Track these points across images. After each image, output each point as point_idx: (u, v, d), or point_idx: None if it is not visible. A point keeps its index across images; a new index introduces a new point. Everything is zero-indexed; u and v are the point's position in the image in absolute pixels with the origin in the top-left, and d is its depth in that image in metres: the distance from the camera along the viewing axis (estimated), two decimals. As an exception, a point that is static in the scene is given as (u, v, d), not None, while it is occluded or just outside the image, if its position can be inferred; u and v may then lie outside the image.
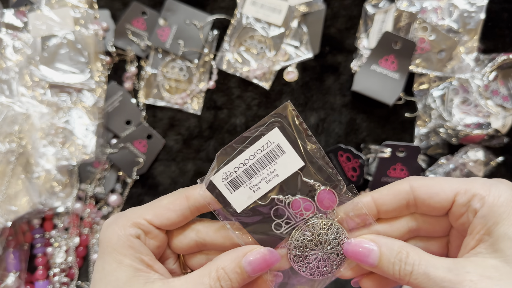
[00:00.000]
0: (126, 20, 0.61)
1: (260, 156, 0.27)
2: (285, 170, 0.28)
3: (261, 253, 0.28)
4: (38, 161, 0.55)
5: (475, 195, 0.25)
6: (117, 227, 0.30)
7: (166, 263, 0.33)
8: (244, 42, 0.61)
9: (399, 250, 0.26)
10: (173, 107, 0.61)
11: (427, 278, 0.25)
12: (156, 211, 0.31)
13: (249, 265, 0.28)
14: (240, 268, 0.28)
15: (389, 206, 0.29)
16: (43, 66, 0.56)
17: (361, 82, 0.58)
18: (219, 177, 0.28)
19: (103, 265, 0.29)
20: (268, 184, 0.28)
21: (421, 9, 0.58)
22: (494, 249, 0.24)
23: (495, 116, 0.55)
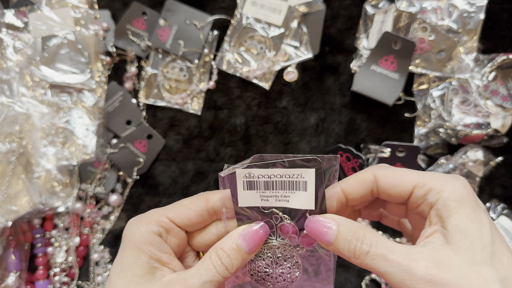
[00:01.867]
0: (126, 20, 0.61)
1: (285, 180, 0.29)
2: (297, 202, 0.29)
3: (251, 226, 0.30)
4: (39, 161, 0.55)
5: (432, 190, 0.27)
6: (140, 224, 0.31)
7: (185, 261, 0.34)
8: (244, 42, 0.61)
9: (357, 230, 0.27)
10: (173, 107, 0.61)
11: (384, 260, 0.25)
12: (177, 210, 0.32)
13: (243, 240, 0.30)
14: (236, 244, 0.30)
15: (356, 195, 0.30)
16: (44, 66, 0.56)
17: (361, 82, 0.58)
18: (242, 173, 0.29)
19: (122, 259, 0.30)
20: (276, 202, 0.30)
21: (420, 9, 0.58)
22: (447, 240, 0.26)
23: (495, 116, 0.55)
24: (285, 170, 0.28)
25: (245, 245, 0.30)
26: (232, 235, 0.30)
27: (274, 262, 0.32)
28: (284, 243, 0.31)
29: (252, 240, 0.30)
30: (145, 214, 0.32)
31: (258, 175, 0.29)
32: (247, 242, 0.30)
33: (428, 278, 0.24)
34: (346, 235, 0.27)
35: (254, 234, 0.30)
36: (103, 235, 0.59)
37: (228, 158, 0.60)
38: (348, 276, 0.57)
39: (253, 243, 0.30)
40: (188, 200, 0.33)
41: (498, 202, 0.57)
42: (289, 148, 0.60)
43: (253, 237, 0.30)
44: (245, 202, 0.30)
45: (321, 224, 0.29)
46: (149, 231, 0.31)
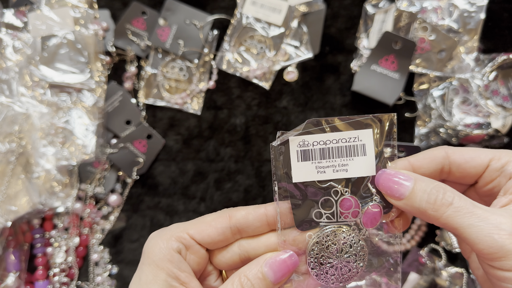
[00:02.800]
0: (126, 20, 0.61)
1: (341, 145, 0.27)
2: (357, 170, 0.27)
3: (280, 256, 0.28)
4: (38, 161, 0.55)
5: (510, 161, 0.27)
6: (160, 239, 0.30)
7: (207, 279, 0.33)
8: (244, 42, 0.61)
9: (437, 183, 0.26)
10: (173, 107, 0.61)
11: (470, 213, 0.24)
12: (198, 227, 0.31)
13: (270, 269, 0.28)
14: (262, 273, 0.28)
15: (426, 170, 0.29)
16: (43, 66, 0.56)
17: (361, 82, 0.58)
18: (296, 141, 0.27)
19: (140, 275, 0.29)
20: (333, 174, 0.27)
21: (421, 9, 0.58)
22: None
23: (495, 116, 0.55)
24: (341, 134, 0.26)
25: (271, 275, 0.28)
26: (259, 261, 0.29)
27: (339, 250, 0.28)
28: (347, 225, 0.28)
29: (279, 269, 0.28)
30: (166, 228, 0.32)
31: (313, 142, 0.27)
32: (273, 271, 0.28)
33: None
34: (425, 187, 0.26)
35: (281, 263, 0.28)
36: (102, 235, 0.59)
37: (228, 158, 0.60)
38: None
39: (280, 273, 0.28)
40: (211, 216, 0.32)
41: (498, 202, 0.57)
42: (289, 148, 0.60)
43: (280, 266, 0.28)
44: (300, 177, 0.28)
45: (396, 176, 0.27)
46: (169, 247, 0.30)
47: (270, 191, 0.59)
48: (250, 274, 0.28)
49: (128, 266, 0.59)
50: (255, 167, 0.59)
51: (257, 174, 0.59)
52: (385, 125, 0.26)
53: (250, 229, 0.31)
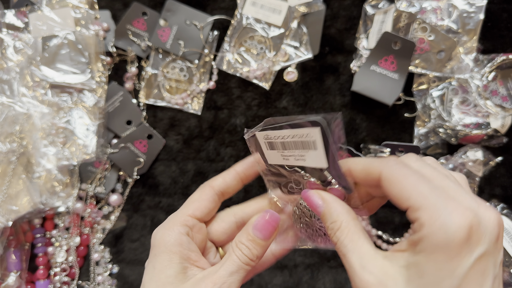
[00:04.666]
0: (126, 21, 0.61)
1: (296, 139, 0.30)
2: (312, 161, 0.30)
3: (261, 215, 0.32)
4: (39, 161, 0.55)
5: (419, 219, 0.25)
6: (166, 229, 0.33)
7: (207, 257, 0.36)
8: (244, 43, 0.62)
9: (335, 220, 0.29)
10: (174, 107, 0.61)
11: (343, 257, 0.28)
12: (193, 206, 0.35)
13: (257, 230, 0.32)
14: (251, 235, 0.32)
15: (361, 181, 0.30)
16: (44, 66, 0.56)
17: (360, 82, 0.58)
18: (261, 135, 0.32)
19: (154, 265, 0.32)
20: (296, 161, 0.31)
21: (420, 10, 0.58)
22: (407, 266, 0.25)
23: (494, 116, 0.55)
24: (294, 131, 0.29)
25: (260, 235, 0.32)
26: (247, 227, 0.32)
27: (312, 216, 0.33)
28: None
29: (265, 228, 0.32)
30: (165, 221, 0.34)
31: (273, 136, 0.31)
32: (260, 231, 0.32)
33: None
34: (327, 219, 0.29)
35: (265, 222, 0.32)
36: (103, 235, 0.59)
37: (228, 158, 0.60)
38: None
39: (266, 231, 0.32)
40: (196, 193, 0.36)
41: (497, 202, 0.57)
42: (289, 148, 0.60)
43: (265, 225, 0.32)
44: (272, 160, 0.32)
45: (313, 199, 0.31)
46: (177, 232, 0.32)
47: (270, 191, 0.59)
48: (243, 239, 0.32)
49: (128, 265, 0.59)
50: (255, 167, 0.60)
51: (257, 174, 0.59)
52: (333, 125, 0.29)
53: (230, 189, 0.37)
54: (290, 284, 0.57)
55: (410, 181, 0.26)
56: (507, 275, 0.52)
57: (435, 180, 0.26)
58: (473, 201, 0.25)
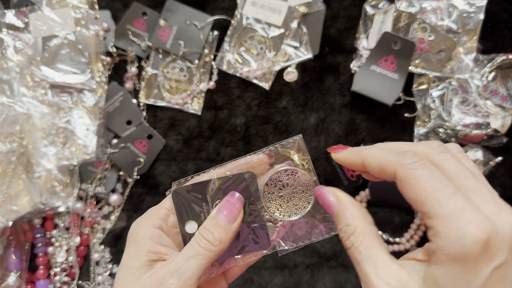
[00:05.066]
0: (126, 21, 0.61)
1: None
2: None
3: (226, 198, 0.32)
4: (39, 161, 0.55)
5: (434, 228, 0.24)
6: (140, 221, 0.33)
7: None
8: (244, 43, 0.62)
9: (349, 223, 0.28)
10: (174, 107, 0.61)
11: (357, 264, 0.27)
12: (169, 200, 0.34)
13: (220, 213, 0.31)
14: (214, 218, 0.31)
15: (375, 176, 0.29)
16: (44, 66, 0.56)
17: (360, 82, 0.58)
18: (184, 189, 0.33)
19: (124, 256, 0.32)
20: None
21: (420, 10, 0.58)
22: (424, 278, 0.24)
23: (494, 116, 0.55)
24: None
25: (223, 218, 0.31)
26: (212, 212, 0.31)
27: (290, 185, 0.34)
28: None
29: (227, 209, 0.31)
30: (144, 213, 0.34)
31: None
32: (223, 214, 0.31)
33: None
34: (341, 221, 0.28)
35: (227, 203, 0.31)
36: (103, 234, 0.59)
37: (228, 158, 0.60)
38: (348, 276, 0.57)
39: (230, 213, 0.31)
40: None
41: (497, 202, 0.57)
42: (289, 148, 0.60)
43: (227, 207, 0.31)
44: None
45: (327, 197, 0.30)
46: (149, 225, 0.32)
47: (270, 191, 0.59)
48: (207, 224, 0.31)
49: (128, 265, 0.59)
50: (255, 167, 0.60)
51: (257, 174, 0.59)
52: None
53: None
54: (290, 284, 0.57)
55: (426, 184, 0.24)
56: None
57: (456, 179, 0.25)
58: (493, 205, 0.24)
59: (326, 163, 0.60)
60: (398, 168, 0.26)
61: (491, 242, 0.23)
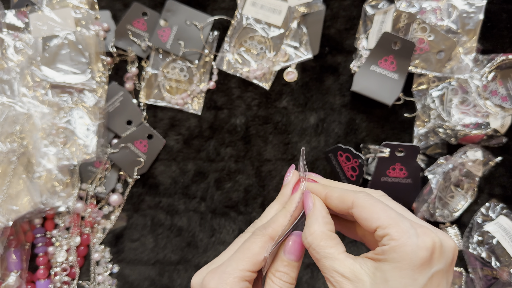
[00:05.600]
0: (126, 21, 0.61)
1: None
2: None
3: (291, 239, 0.34)
4: (39, 161, 0.55)
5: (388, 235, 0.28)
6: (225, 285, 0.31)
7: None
8: (244, 43, 0.62)
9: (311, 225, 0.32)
10: (174, 107, 0.61)
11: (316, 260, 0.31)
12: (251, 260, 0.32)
13: (289, 253, 0.33)
14: (286, 261, 0.33)
15: (334, 207, 0.33)
16: (44, 66, 0.57)
17: (360, 82, 0.58)
18: None
19: None
20: None
21: (420, 10, 0.58)
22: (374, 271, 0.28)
23: (494, 116, 0.55)
24: None
25: (293, 257, 0.33)
26: (279, 255, 0.33)
27: None
28: None
29: (296, 250, 0.33)
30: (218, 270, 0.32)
31: None
32: (293, 254, 0.33)
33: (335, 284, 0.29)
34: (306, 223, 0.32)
35: (296, 245, 0.34)
36: (103, 234, 0.59)
37: (228, 158, 0.60)
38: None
39: (297, 252, 0.33)
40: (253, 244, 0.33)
41: (497, 202, 0.57)
42: (289, 148, 0.60)
43: (296, 247, 0.33)
44: None
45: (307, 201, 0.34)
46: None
47: (270, 190, 0.59)
48: (279, 267, 0.33)
49: (129, 265, 0.59)
50: (255, 167, 0.60)
51: (257, 174, 0.60)
52: None
53: None
54: (290, 284, 0.57)
55: (379, 207, 0.30)
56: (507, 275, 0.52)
57: (398, 210, 0.31)
58: (434, 228, 0.30)
59: (326, 163, 0.60)
60: (355, 197, 0.31)
61: (436, 250, 0.28)
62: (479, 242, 0.55)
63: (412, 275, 0.27)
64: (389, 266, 0.27)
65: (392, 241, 0.28)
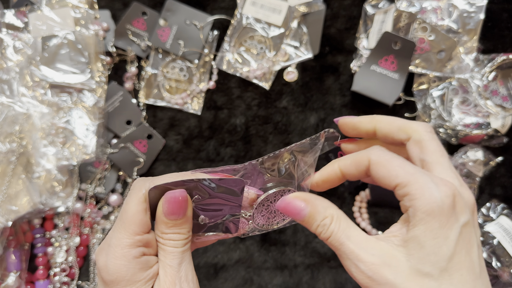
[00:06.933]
0: (126, 21, 0.61)
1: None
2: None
3: (166, 200, 0.30)
4: (39, 161, 0.55)
5: (408, 194, 0.27)
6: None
7: None
8: (244, 43, 0.62)
9: (326, 215, 0.29)
10: (174, 107, 0.61)
11: (341, 246, 0.28)
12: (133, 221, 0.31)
13: (168, 214, 0.29)
14: (168, 222, 0.30)
15: (352, 175, 0.32)
16: (44, 66, 0.56)
17: (360, 82, 0.58)
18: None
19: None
20: None
21: (420, 9, 0.58)
22: (405, 245, 0.27)
23: (495, 116, 0.55)
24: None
25: (175, 216, 0.30)
26: (159, 216, 0.30)
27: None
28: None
29: (175, 209, 0.30)
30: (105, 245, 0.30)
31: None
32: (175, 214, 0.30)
33: (370, 274, 0.26)
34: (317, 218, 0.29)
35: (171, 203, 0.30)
36: (103, 235, 0.59)
37: (228, 158, 0.60)
38: (348, 276, 0.57)
39: (179, 209, 0.30)
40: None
41: (498, 202, 0.57)
42: (289, 148, 0.60)
43: (172, 206, 0.30)
44: None
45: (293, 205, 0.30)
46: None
47: (270, 191, 0.59)
48: (164, 229, 0.30)
49: (128, 265, 0.59)
50: (255, 167, 0.59)
51: (257, 174, 0.59)
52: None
53: None
54: (290, 284, 0.57)
55: (396, 162, 0.28)
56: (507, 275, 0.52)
57: (435, 154, 0.30)
58: (456, 180, 0.29)
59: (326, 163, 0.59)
60: (370, 155, 0.30)
61: (457, 199, 0.26)
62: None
63: (443, 233, 0.26)
64: (420, 230, 0.26)
65: (415, 200, 0.26)
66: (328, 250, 0.58)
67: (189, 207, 0.30)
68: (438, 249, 0.26)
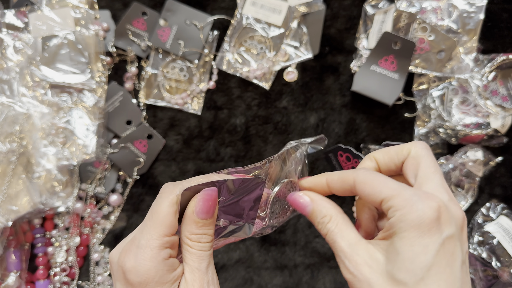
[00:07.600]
0: (126, 21, 0.61)
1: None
2: None
3: (199, 199, 0.30)
4: (39, 161, 0.55)
5: (392, 207, 0.28)
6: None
7: None
8: (244, 43, 0.62)
9: (325, 214, 0.32)
10: (174, 107, 0.61)
11: (334, 243, 0.31)
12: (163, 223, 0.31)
13: (200, 213, 0.30)
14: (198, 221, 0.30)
15: (338, 191, 0.34)
16: (44, 66, 0.56)
17: (360, 82, 0.58)
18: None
19: None
20: None
21: (420, 10, 0.58)
22: (387, 251, 0.28)
23: (495, 116, 0.55)
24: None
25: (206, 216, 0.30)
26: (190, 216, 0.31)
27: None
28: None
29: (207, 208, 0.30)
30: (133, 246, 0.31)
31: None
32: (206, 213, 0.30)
33: (352, 270, 0.29)
34: (317, 215, 0.32)
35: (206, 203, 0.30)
36: (103, 235, 0.59)
37: (228, 158, 0.60)
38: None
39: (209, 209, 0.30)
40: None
41: (497, 202, 0.57)
42: (289, 148, 0.60)
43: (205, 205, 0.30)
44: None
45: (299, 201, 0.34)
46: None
47: (270, 191, 0.59)
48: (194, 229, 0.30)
49: (128, 265, 0.59)
50: (255, 167, 0.60)
51: (257, 174, 0.59)
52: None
53: None
54: (290, 284, 0.57)
55: (380, 179, 0.30)
56: (507, 275, 0.52)
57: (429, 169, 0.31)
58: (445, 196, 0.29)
59: (326, 163, 0.60)
60: (356, 175, 0.31)
61: (442, 212, 0.27)
62: (479, 242, 0.55)
63: (422, 242, 0.26)
64: (398, 238, 0.27)
65: (397, 211, 0.27)
66: (328, 250, 0.58)
67: (216, 207, 0.31)
68: (415, 257, 0.26)
